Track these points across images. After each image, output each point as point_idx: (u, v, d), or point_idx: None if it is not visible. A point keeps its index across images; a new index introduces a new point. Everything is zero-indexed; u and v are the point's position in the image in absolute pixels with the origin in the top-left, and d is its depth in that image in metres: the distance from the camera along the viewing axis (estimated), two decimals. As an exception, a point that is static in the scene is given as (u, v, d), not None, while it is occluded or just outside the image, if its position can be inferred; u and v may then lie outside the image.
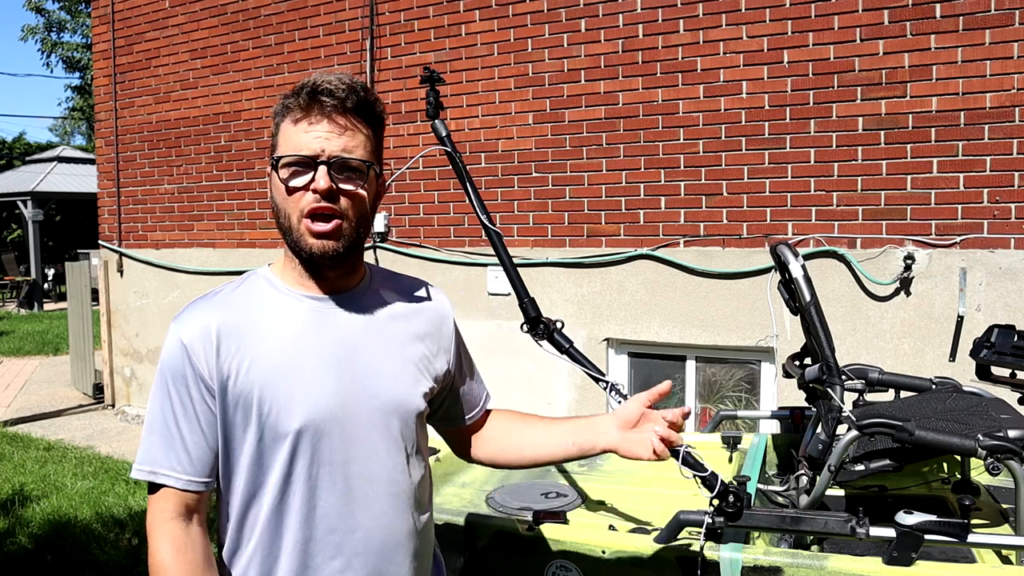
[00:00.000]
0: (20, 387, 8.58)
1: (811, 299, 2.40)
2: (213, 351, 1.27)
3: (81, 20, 23.37)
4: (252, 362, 1.28)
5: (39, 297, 16.25)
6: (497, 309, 5.16)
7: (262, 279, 1.37)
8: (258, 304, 1.33)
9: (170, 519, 1.28)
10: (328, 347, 1.32)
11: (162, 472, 1.28)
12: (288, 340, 1.30)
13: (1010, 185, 3.86)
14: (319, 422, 1.29)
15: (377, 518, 1.34)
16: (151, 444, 1.29)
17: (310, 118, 1.27)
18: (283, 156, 1.28)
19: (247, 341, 1.28)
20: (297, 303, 1.34)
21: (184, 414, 1.28)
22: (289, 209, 1.28)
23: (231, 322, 1.29)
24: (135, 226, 6.95)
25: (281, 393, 1.28)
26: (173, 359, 1.28)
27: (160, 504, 1.29)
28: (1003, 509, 2.48)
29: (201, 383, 1.27)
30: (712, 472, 1.97)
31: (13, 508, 4.67)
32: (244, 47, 6.14)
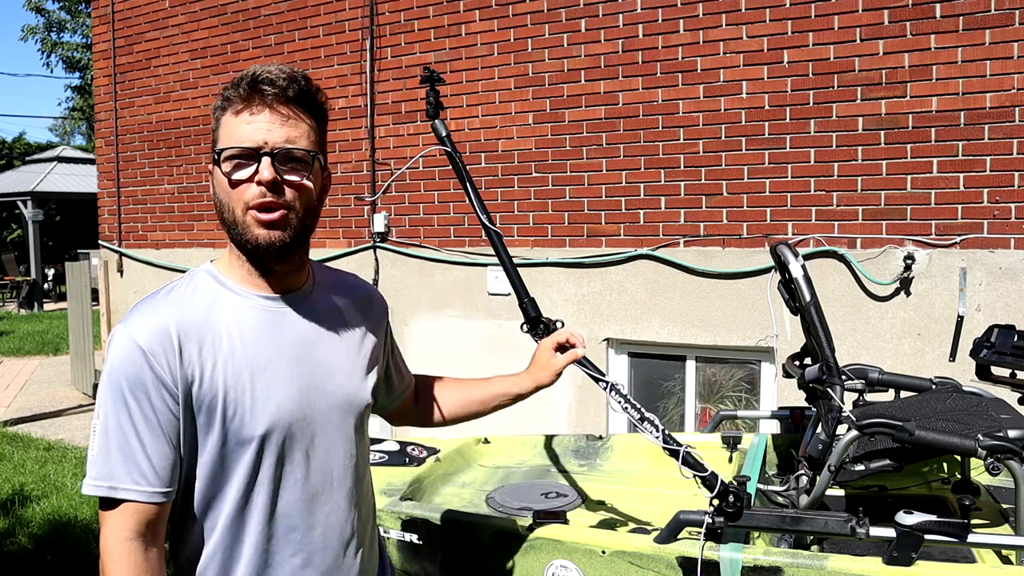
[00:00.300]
0: (20, 387, 8.58)
1: (811, 299, 2.40)
2: (175, 354, 1.22)
3: (81, 20, 23.37)
4: (214, 366, 1.24)
5: (39, 297, 16.25)
6: (497, 309, 5.16)
7: (210, 278, 1.32)
8: (212, 304, 1.28)
9: (130, 539, 1.22)
10: (285, 348, 1.31)
11: (122, 487, 1.21)
12: (247, 342, 1.28)
13: (1010, 185, 3.86)
14: (283, 425, 1.29)
15: (334, 513, 1.37)
16: (108, 457, 1.22)
17: (251, 108, 1.24)
18: (225, 148, 1.24)
19: (208, 343, 1.25)
20: (250, 303, 1.31)
21: (145, 423, 1.22)
22: (233, 203, 1.25)
23: (189, 323, 1.25)
24: (135, 226, 6.95)
25: (245, 397, 1.26)
26: (128, 365, 1.21)
27: (118, 522, 1.22)
28: (1003, 509, 2.48)
29: (163, 388, 1.22)
30: (712, 472, 1.97)
31: (13, 508, 4.67)
32: (244, 47, 6.14)
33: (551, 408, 5.00)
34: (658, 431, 1.97)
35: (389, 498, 2.46)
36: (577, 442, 3.02)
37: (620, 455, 2.94)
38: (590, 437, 3.02)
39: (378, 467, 2.74)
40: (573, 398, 4.94)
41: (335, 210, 5.75)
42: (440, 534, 2.28)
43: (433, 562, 2.30)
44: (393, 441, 3.00)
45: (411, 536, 2.31)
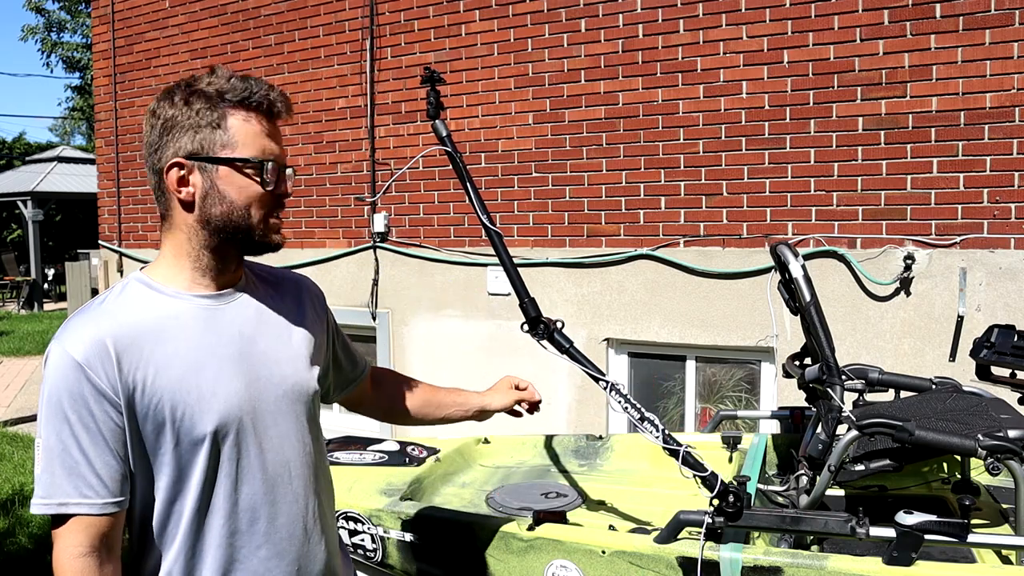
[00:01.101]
0: (20, 387, 8.58)
1: (811, 299, 2.40)
2: (113, 365, 1.21)
3: (81, 20, 23.36)
4: (157, 371, 1.24)
5: (39, 297, 16.25)
6: (497, 309, 5.16)
7: (142, 285, 1.32)
8: (147, 311, 1.28)
9: (83, 555, 1.21)
10: (227, 344, 1.32)
11: (72, 501, 1.21)
12: (187, 343, 1.28)
13: (1010, 185, 3.86)
14: (232, 419, 1.29)
15: (296, 501, 1.39)
16: (52, 474, 1.21)
17: (265, 120, 1.31)
18: (266, 160, 1.30)
19: (147, 351, 1.25)
20: (186, 304, 1.31)
21: (88, 436, 1.21)
22: (254, 207, 1.31)
23: (124, 332, 1.24)
24: (135, 226, 6.95)
25: (192, 397, 1.26)
26: (66, 381, 1.20)
27: (70, 539, 1.21)
28: (1003, 509, 2.48)
29: (104, 399, 1.21)
30: (712, 472, 1.97)
31: (13, 508, 4.67)
32: (244, 47, 6.14)
33: (551, 408, 5.00)
34: (658, 431, 1.97)
35: (389, 498, 2.46)
36: (577, 442, 3.02)
37: (620, 455, 2.94)
38: (590, 437, 3.02)
39: (378, 467, 2.74)
40: (573, 398, 4.94)
41: (335, 210, 5.76)
42: (440, 534, 2.28)
43: (433, 562, 2.30)
44: (393, 441, 3.01)
45: (411, 536, 2.31)
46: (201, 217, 1.30)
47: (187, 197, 1.29)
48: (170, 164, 1.28)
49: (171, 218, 1.32)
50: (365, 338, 5.82)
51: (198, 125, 1.27)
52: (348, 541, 2.41)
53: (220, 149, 1.28)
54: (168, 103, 1.29)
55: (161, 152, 1.29)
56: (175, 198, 1.30)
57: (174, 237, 1.33)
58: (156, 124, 1.29)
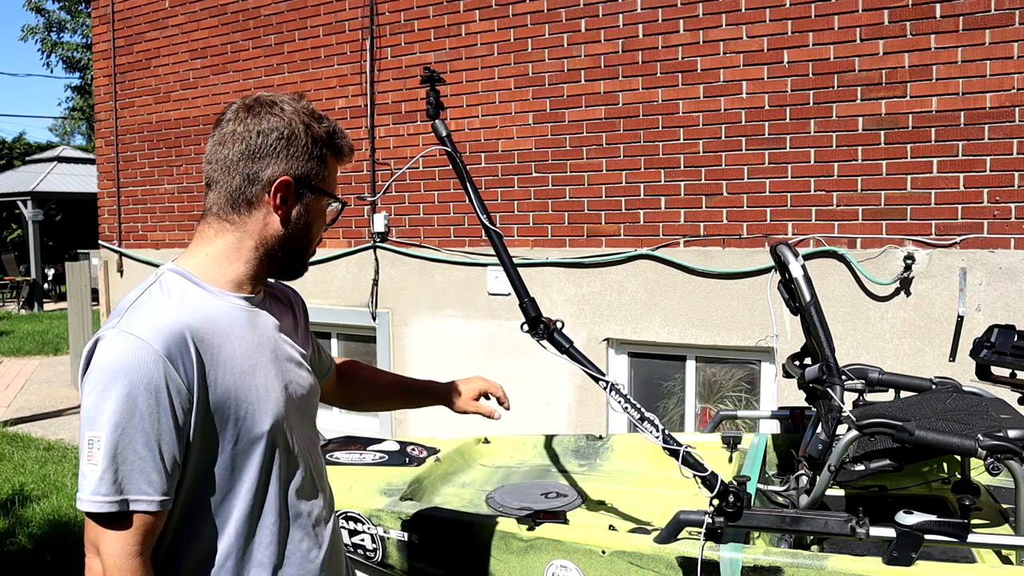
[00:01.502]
0: (20, 387, 8.58)
1: (811, 299, 2.40)
2: (192, 360, 1.21)
3: (81, 20, 23.36)
4: (224, 368, 1.26)
5: (39, 297, 16.25)
6: (497, 309, 5.16)
7: (183, 279, 1.30)
8: (205, 307, 1.29)
9: (139, 554, 1.19)
10: (266, 345, 1.37)
11: (132, 498, 1.17)
12: (241, 342, 1.32)
13: (1010, 185, 3.86)
14: (282, 418, 1.34)
15: (322, 492, 1.48)
16: (115, 471, 1.16)
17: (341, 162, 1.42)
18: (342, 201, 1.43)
19: (216, 347, 1.26)
20: (228, 304, 1.33)
21: (158, 431, 1.18)
22: (313, 235, 1.41)
23: (200, 327, 1.24)
24: (135, 226, 6.95)
25: (252, 396, 1.30)
26: (144, 372, 1.17)
27: (126, 537, 1.18)
28: (1003, 509, 2.48)
29: (179, 394, 1.19)
30: (712, 472, 1.97)
31: (13, 508, 4.67)
32: (244, 47, 6.14)
33: (551, 408, 5.00)
34: (658, 431, 1.97)
35: (389, 498, 2.46)
36: (577, 442, 3.02)
37: (620, 455, 2.94)
38: (590, 437, 3.02)
39: (378, 467, 2.74)
40: (573, 398, 4.94)
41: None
42: (440, 534, 2.28)
43: (433, 562, 2.30)
44: (393, 441, 3.01)
45: (411, 536, 2.31)
46: (283, 234, 1.35)
47: (281, 214, 1.34)
48: (283, 179, 1.32)
49: (244, 222, 1.33)
50: (365, 338, 5.82)
51: (311, 154, 1.34)
52: (348, 541, 2.41)
53: (321, 183, 1.37)
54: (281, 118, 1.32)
55: (272, 161, 1.31)
56: (266, 208, 1.33)
57: (238, 240, 1.33)
58: (271, 133, 1.31)
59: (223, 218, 1.33)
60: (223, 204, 1.33)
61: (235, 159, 1.31)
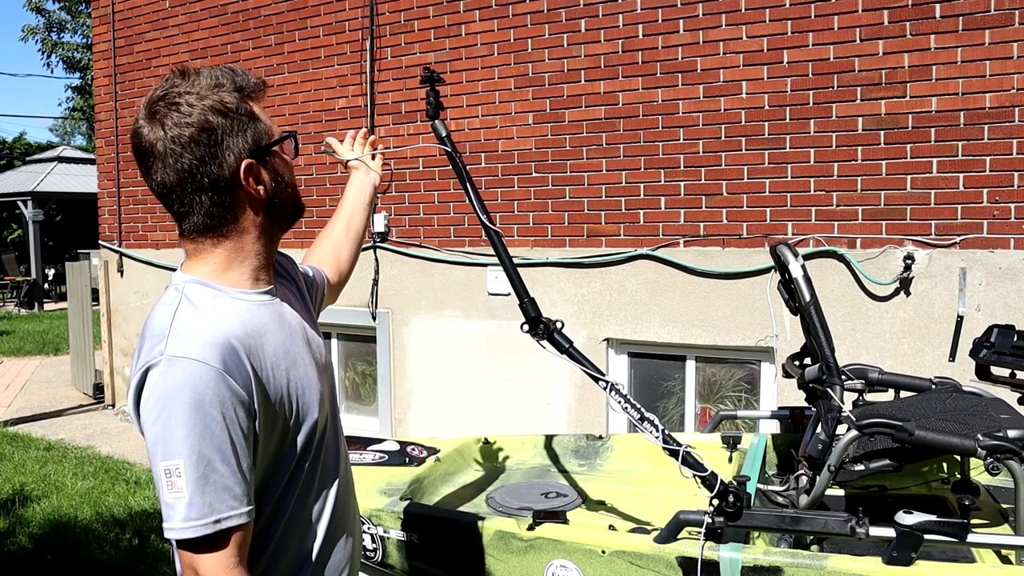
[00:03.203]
0: (20, 387, 8.58)
1: (811, 299, 2.40)
2: (247, 368, 1.21)
3: (81, 20, 23.37)
4: (274, 371, 1.27)
5: (39, 297, 16.25)
6: (497, 309, 5.16)
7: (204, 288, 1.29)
8: (239, 314, 1.27)
9: (237, 566, 1.19)
10: (296, 336, 1.37)
11: (224, 517, 1.17)
12: (277, 340, 1.31)
13: (1010, 185, 3.86)
14: (324, 410, 1.37)
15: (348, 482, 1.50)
16: (203, 494, 1.16)
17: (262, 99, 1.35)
18: (289, 134, 1.36)
19: (261, 353, 1.26)
20: (252, 304, 1.31)
21: (230, 446, 1.18)
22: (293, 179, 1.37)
23: (243, 334, 1.24)
24: (135, 226, 6.95)
25: (300, 391, 1.31)
26: (206, 391, 1.16)
27: (222, 555, 1.18)
28: (1003, 509, 2.48)
29: (242, 406, 1.19)
30: (712, 472, 1.97)
31: (13, 508, 4.67)
32: (244, 47, 6.14)
33: (551, 408, 5.00)
34: (658, 431, 1.97)
35: (389, 498, 2.46)
36: (577, 442, 3.02)
37: (620, 455, 2.94)
38: (590, 437, 3.02)
39: (378, 467, 2.74)
40: (573, 398, 4.94)
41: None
42: (440, 534, 2.28)
43: (433, 562, 2.30)
44: (393, 441, 3.01)
45: (411, 536, 2.31)
46: (272, 208, 1.33)
47: (262, 194, 1.30)
48: (244, 167, 1.26)
49: (236, 224, 1.29)
50: (365, 338, 5.83)
51: (243, 124, 1.28)
52: (348, 541, 2.41)
53: (267, 138, 1.32)
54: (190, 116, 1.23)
55: (219, 163, 1.25)
56: (248, 200, 1.29)
57: (238, 241, 1.30)
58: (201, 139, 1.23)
59: (214, 234, 1.30)
60: (208, 224, 1.29)
61: (188, 185, 1.25)
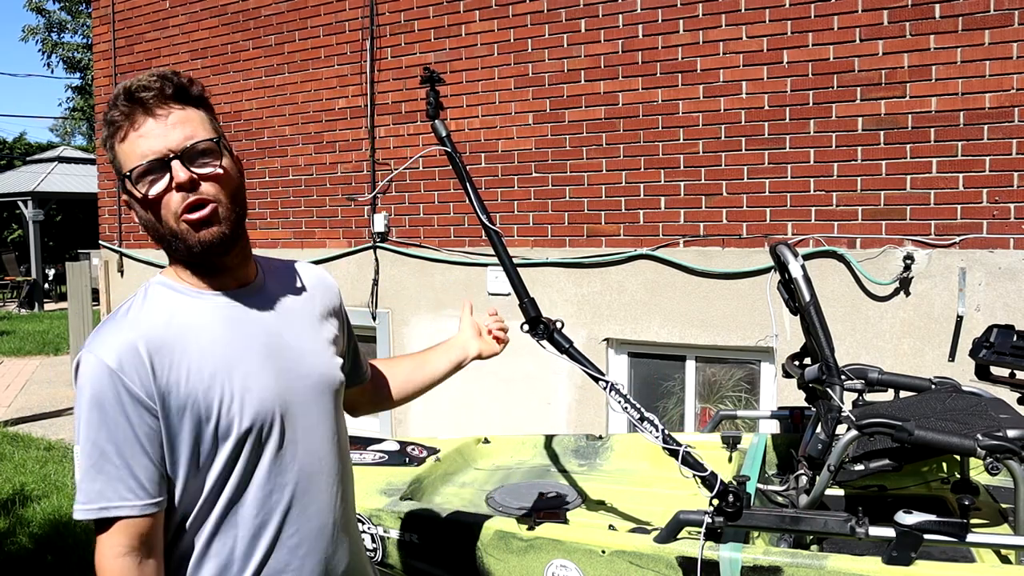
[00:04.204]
0: (20, 387, 8.58)
1: (811, 299, 2.40)
2: (147, 370, 1.23)
3: (82, 20, 23.37)
4: (188, 373, 1.25)
5: (39, 297, 16.25)
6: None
7: (164, 288, 1.33)
8: (172, 313, 1.29)
9: (123, 555, 1.24)
10: (254, 339, 1.33)
11: (113, 505, 1.23)
12: (215, 342, 1.29)
13: (1009, 185, 3.86)
14: (266, 414, 1.31)
15: (326, 492, 1.40)
16: (94, 480, 1.24)
17: (135, 124, 1.24)
18: (133, 169, 1.25)
19: (177, 353, 1.26)
20: (208, 303, 1.32)
21: (125, 441, 1.23)
22: (162, 217, 1.27)
23: (154, 336, 1.25)
24: (135, 226, 6.95)
25: (225, 396, 1.27)
26: (101, 387, 1.22)
27: (111, 540, 1.24)
28: (1003, 509, 2.48)
29: (139, 404, 1.23)
30: (712, 472, 1.97)
31: (14, 508, 4.67)
32: (244, 47, 6.14)
33: (551, 408, 5.00)
34: (658, 431, 1.97)
35: (389, 498, 2.47)
36: (577, 442, 3.02)
37: (620, 455, 2.94)
38: (590, 437, 3.03)
39: (378, 467, 2.74)
40: (573, 398, 4.95)
41: (335, 210, 5.76)
42: (440, 534, 2.29)
43: (433, 562, 2.31)
44: (393, 441, 3.01)
45: (411, 536, 2.31)
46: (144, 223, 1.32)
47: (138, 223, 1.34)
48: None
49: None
50: (365, 338, 5.83)
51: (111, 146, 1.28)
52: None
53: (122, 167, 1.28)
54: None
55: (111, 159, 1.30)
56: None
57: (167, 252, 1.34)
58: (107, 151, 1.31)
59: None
60: None
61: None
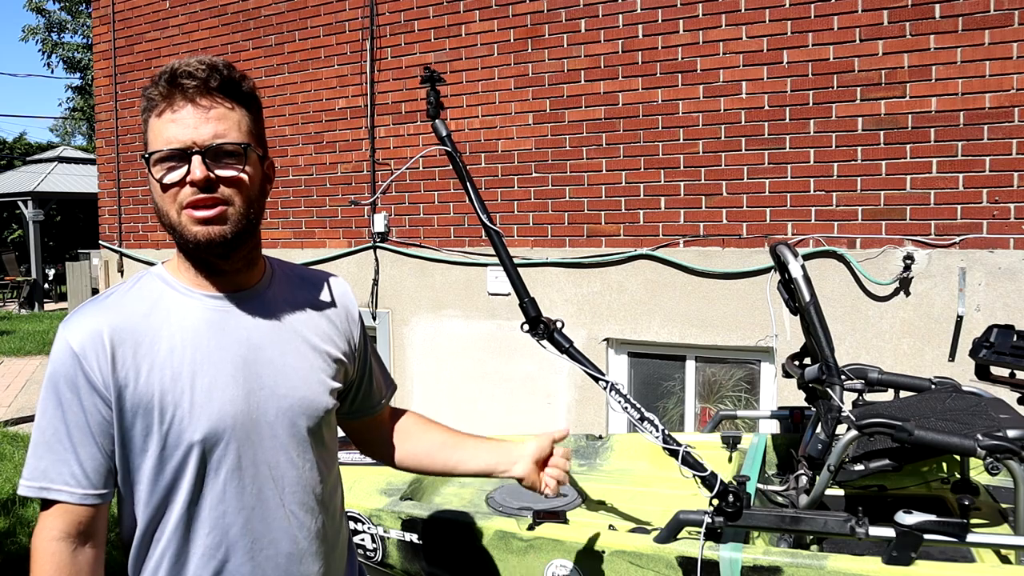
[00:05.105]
0: (20, 387, 8.58)
1: (811, 299, 2.40)
2: (107, 359, 1.19)
3: (82, 20, 23.38)
4: (150, 369, 1.21)
5: (40, 297, 16.25)
6: (497, 309, 5.17)
7: (157, 279, 1.29)
8: (154, 306, 1.25)
9: (58, 539, 1.21)
10: (231, 348, 1.26)
11: (54, 487, 1.21)
12: (187, 344, 1.24)
13: (1009, 185, 3.86)
14: (223, 429, 1.23)
15: (287, 519, 1.30)
16: (41, 457, 1.22)
17: (173, 106, 1.19)
18: (154, 152, 1.20)
19: (144, 347, 1.21)
20: (196, 303, 1.27)
21: (77, 425, 1.21)
22: (167, 205, 1.21)
23: (125, 326, 1.22)
24: (135, 226, 6.95)
25: (183, 401, 1.21)
26: (64, 367, 1.20)
27: (49, 522, 1.22)
28: (1002, 509, 2.49)
29: (95, 392, 1.20)
30: (712, 472, 1.97)
31: (14, 508, 4.67)
32: (244, 47, 6.14)
33: (551, 408, 5.00)
34: (658, 431, 1.97)
35: (389, 498, 2.47)
36: (577, 442, 3.02)
37: (620, 455, 2.94)
38: (590, 437, 3.03)
39: (378, 467, 2.74)
40: (573, 398, 4.95)
41: (335, 210, 5.76)
42: (440, 534, 2.29)
43: (433, 562, 2.31)
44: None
45: (411, 536, 2.31)
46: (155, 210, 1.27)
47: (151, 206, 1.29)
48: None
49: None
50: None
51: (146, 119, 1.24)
52: (348, 541, 2.41)
53: (147, 145, 1.23)
54: None
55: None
56: None
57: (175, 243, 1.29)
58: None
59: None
60: None
61: None
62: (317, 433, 1.35)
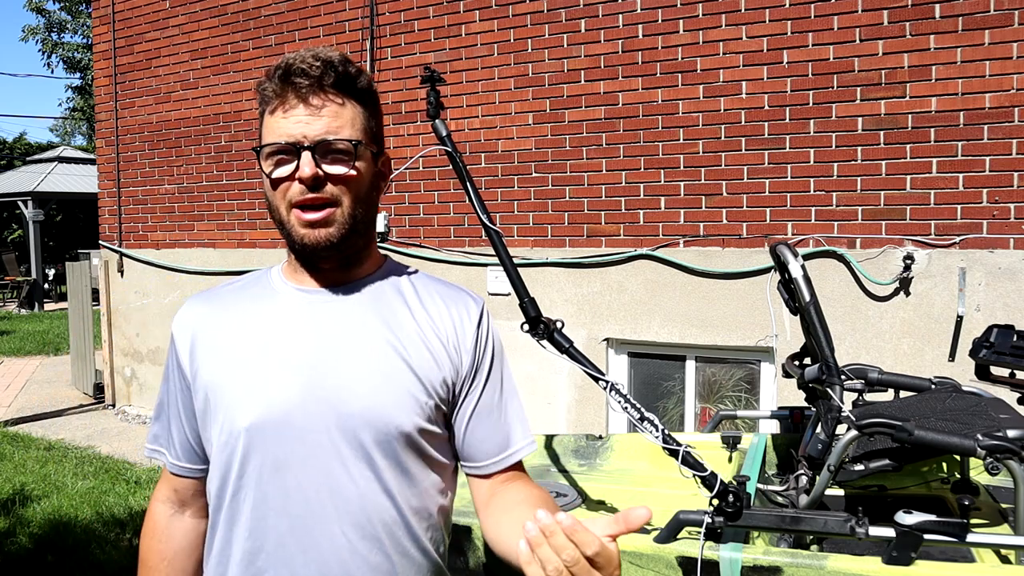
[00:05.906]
0: (21, 387, 8.58)
1: (811, 299, 2.40)
2: (189, 343, 1.27)
3: (82, 20, 23.38)
4: (217, 355, 1.23)
5: (40, 297, 16.25)
6: (497, 309, 5.17)
7: (266, 274, 1.31)
8: (247, 298, 1.27)
9: (161, 500, 1.33)
10: (302, 343, 1.20)
11: (159, 451, 1.33)
12: (256, 334, 1.22)
13: (1009, 185, 3.86)
14: (270, 423, 1.16)
15: (336, 539, 1.16)
16: (155, 422, 1.34)
17: (286, 104, 1.17)
18: (264, 145, 1.18)
19: (220, 335, 1.24)
20: (285, 297, 1.25)
21: (172, 400, 1.31)
22: (278, 201, 1.18)
23: (212, 315, 1.27)
24: (135, 226, 6.95)
25: (238, 387, 1.19)
26: (169, 348, 1.32)
27: (160, 483, 1.35)
28: (1002, 509, 2.49)
29: (181, 373, 1.28)
30: (712, 472, 1.97)
31: (14, 508, 4.67)
32: (244, 47, 6.14)
33: (551, 408, 5.00)
34: (658, 431, 1.97)
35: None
36: (577, 442, 3.02)
37: (620, 455, 2.94)
38: (590, 437, 3.02)
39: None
40: (573, 398, 4.95)
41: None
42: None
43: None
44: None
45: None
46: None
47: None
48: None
49: None
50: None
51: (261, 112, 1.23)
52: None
53: (260, 138, 1.21)
54: None
55: None
56: None
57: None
58: None
59: None
60: None
61: None
62: (391, 455, 1.18)
